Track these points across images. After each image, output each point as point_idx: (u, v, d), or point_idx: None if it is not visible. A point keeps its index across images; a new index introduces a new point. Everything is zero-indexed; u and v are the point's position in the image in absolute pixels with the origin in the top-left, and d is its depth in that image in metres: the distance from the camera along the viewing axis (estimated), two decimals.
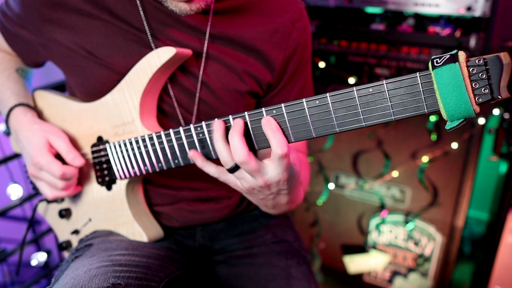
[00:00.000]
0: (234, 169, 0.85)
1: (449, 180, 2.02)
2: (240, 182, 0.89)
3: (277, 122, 0.81)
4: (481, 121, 1.84)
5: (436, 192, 2.06)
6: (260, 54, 1.07)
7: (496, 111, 1.85)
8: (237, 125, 0.82)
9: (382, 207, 2.22)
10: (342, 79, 2.07)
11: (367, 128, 2.09)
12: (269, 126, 0.80)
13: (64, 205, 1.21)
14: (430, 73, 0.69)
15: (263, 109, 0.81)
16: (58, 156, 1.07)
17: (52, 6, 1.02)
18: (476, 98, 0.66)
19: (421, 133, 2.00)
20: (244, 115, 0.83)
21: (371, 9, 2.02)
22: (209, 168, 0.92)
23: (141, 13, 1.01)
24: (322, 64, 2.08)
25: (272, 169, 0.82)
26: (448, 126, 0.70)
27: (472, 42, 1.78)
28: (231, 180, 0.92)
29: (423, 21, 1.97)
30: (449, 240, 2.10)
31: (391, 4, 1.92)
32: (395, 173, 2.09)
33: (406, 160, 2.08)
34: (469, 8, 1.77)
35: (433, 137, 1.97)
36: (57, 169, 1.02)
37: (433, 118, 1.93)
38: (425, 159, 2.00)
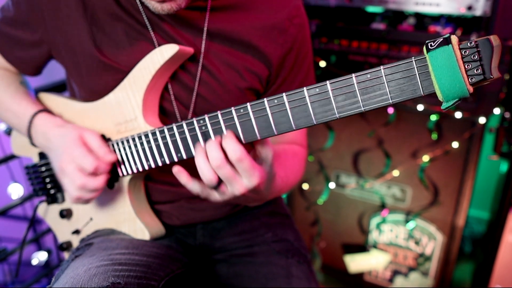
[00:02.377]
0: (217, 186, 0.89)
1: (450, 179, 2.02)
2: (222, 196, 0.91)
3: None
4: (482, 120, 1.84)
5: (437, 191, 2.06)
6: (257, 50, 1.07)
7: (496, 110, 1.84)
8: (217, 137, 0.87)
9: (382, 206, 2.22)
10: None
11: (367, 127, 2.09)
12: (224, 139, 0.85)
13: (65, 205, 1.21)
14: (425, 57, 0.71)
15: (265, 99, 0.83)
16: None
17: (57, 2, 1.02)
18: (469, 78, 0.69)
19: (422, 132, 2.00)
20: (247, 106, 0.85)
21: (371, 8, 2.02)
22: (193, 186, 0.93)
23: (141, 9, 1.02)
24: (322, 64, 2.08)
25: (245, 177, 0.86)
26: (444, 106, 0.73)
27: None
28: (212, 196, 0.94)
29: (423, 20, 1.97)
30: (450, 239, 2.10)
31: (391, 3, 1.92)
32: (395, 172, 2.09)
33: (407, 159, 2.07)
34: (469, 8, 1.77)
35: (434, 136, 1.97)
36: (90, 161, 0.99)
37: (433, 117, 1.93)
38: (425, 158, 2.00)
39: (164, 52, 0.98)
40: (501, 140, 1.89)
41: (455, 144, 1.92)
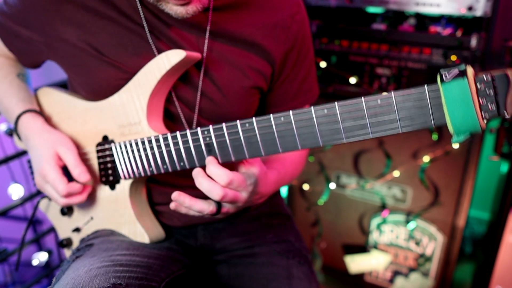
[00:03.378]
0: (218, 211, 0.95)
1: (450, 180, 2.01)
2: (225, 215, 1.00)
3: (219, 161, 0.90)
4: None
5: (437, 191, 2.06)
6: (260, 49, 1.07)
7: None
8: (211, 159, 0.91)
9: (383, 207, 2.22)
10: (343, 79, 2.07)
11: None
12: (207, 165, 0.89)
13: None
14: (439, 88, 0.69)
15: (271, 115, 0.82)
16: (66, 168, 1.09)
17: (58, 1, 1.02)
18: (483, 114, 0.67)
19: (422, 133, 2.00)
20: (252, 121, 0.84)
21: (372, 9, 2.02)
22: (198, 206, 0.95)
23: (141, 13, 1.01)
24: (323, 64, 2.08)
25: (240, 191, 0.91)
26: (454, 140, 0.71)
27: (473, 41, 1.78)
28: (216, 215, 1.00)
29: (424, 21, 1.97)
30: (450, 240, 2.10)
31: (392, 4, 1.92)
32: (396, 173, 2.09)
33: (407, 160, 2.07)
34: (470, 8, 1.77)
35: (434, 136, 1.97)
36: (62, 188, 1.02)
37: None
38: (426, 158, 2.00)
39: (171, 58, 0.97)
40: (502, 141, 1.89)
41: (455, 145, 1.92)
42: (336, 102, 0.76)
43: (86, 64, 1.05)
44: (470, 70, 0.67)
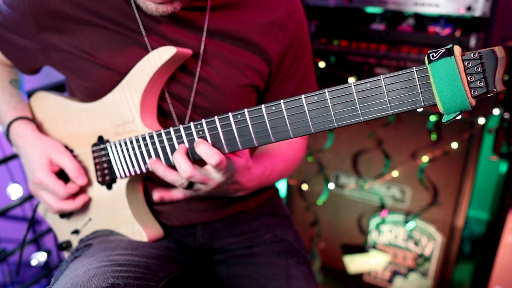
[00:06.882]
0: (189, 186, 0.96)
1: (449, 180, 2.02)
2: (197, 193, 1.00)
3: (207, 140, 0.90)
4: (481, 121, 1.84)
5: (436, 192, 2.06)
6: (257, 47, 1.07)
7: (496, 111, 1.84)
8: (180, 147, 0.93)
9: (382, 207, 2.22)
10: (342, 79, 2.07)
11: (367, 128, 2.10)
12: (197, 145, 0.89)
13: None
14: (426, 67, 0.70)
15: (262, 106, 0.83)
16: (58, 173, 1.11)
17: (48, 13, 1.02)
18: (472, 91, 0.67)
19: (421, 133, 2.00)
20: (244, 112, 0.84)
21: (371, 9, 2.02)
22: (171, 176, 0.96)
23: (136, 14, 1.01)
24: (322, 64, 2.08)
25: (214, 173, 0.92)
26: (445, 119, 0.71)
27: (472, 42, 1.78)
28: (189, 192, 1.03)
29: (423, 21, 1.97)
30: (449, 240, 2.10)
31: (391, 4, 1.92)
32: (395, 173, 2.09)
33: (406, 160, 2.07)
34: (469, 8, 1.77)
35: (433, 137, 1.97)
36: (62, 191, 1.06)
37: (433, 118, 1.93)
38: (425, 159, 2.00)
39: (162, 54, 0.97)
40: (501, 141, 1.89)
41: (454, 145, 1.92)
42: (326, 89, 0.77)
43: (81, 67, 1.05)
44: (457, 49, 0.67)
